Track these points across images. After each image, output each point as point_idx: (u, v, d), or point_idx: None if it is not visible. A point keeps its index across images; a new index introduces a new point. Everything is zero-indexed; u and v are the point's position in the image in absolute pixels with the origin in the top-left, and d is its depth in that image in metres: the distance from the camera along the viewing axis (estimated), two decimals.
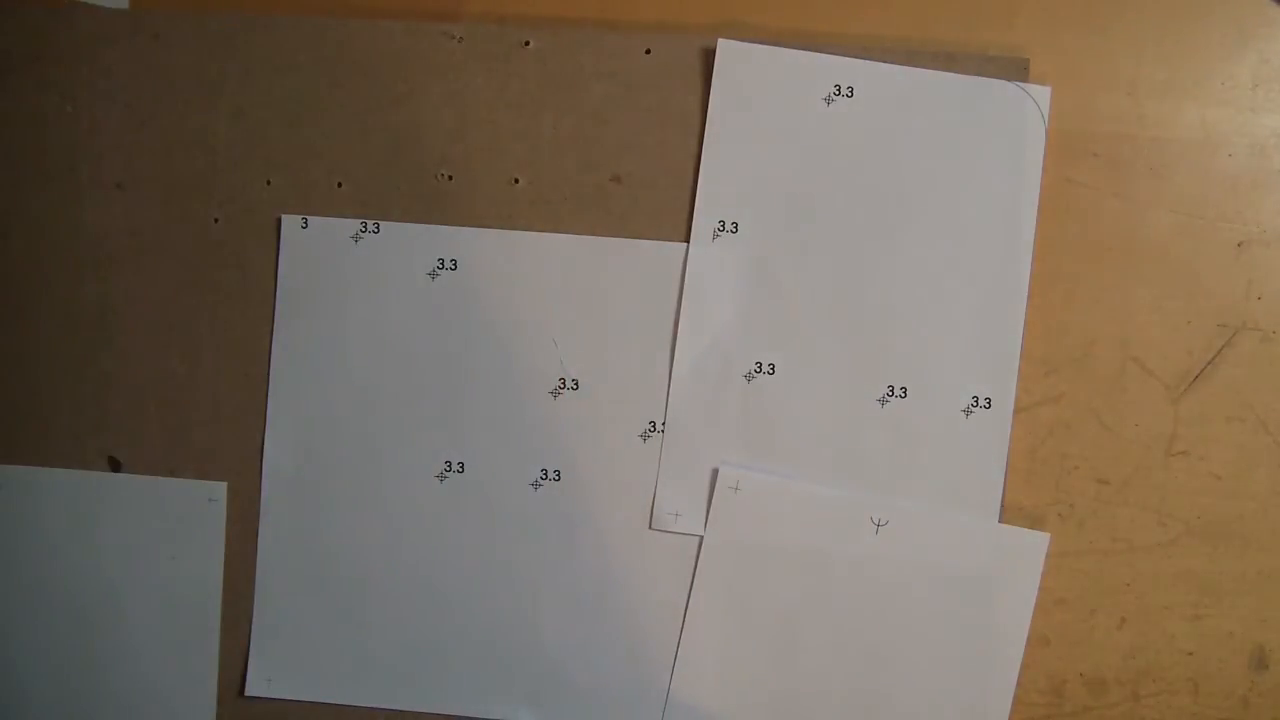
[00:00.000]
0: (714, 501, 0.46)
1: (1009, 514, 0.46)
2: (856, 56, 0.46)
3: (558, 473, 0.47)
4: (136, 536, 0.47)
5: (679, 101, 0.46)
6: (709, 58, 0.46)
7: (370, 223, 0.47)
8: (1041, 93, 0.46)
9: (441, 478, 0.47)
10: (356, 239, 0.47)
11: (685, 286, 0.46)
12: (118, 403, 0.48)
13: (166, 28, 0.47)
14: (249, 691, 0.48)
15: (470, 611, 0.47)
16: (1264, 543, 0.46)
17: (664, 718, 0.47)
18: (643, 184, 0.46)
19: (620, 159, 0.47)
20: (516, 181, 0.47)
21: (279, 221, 0.47)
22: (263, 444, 0.47)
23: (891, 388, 0.46)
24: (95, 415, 0.48)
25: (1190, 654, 0.47)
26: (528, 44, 0.47)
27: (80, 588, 0.48)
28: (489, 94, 0.47)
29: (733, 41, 0.46)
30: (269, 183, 0.47)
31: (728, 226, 0.46)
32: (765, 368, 0.46)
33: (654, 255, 0.46)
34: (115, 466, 0.48)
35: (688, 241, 0.46)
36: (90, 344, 0.48)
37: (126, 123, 0.47)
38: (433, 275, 0.47)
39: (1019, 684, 0.46)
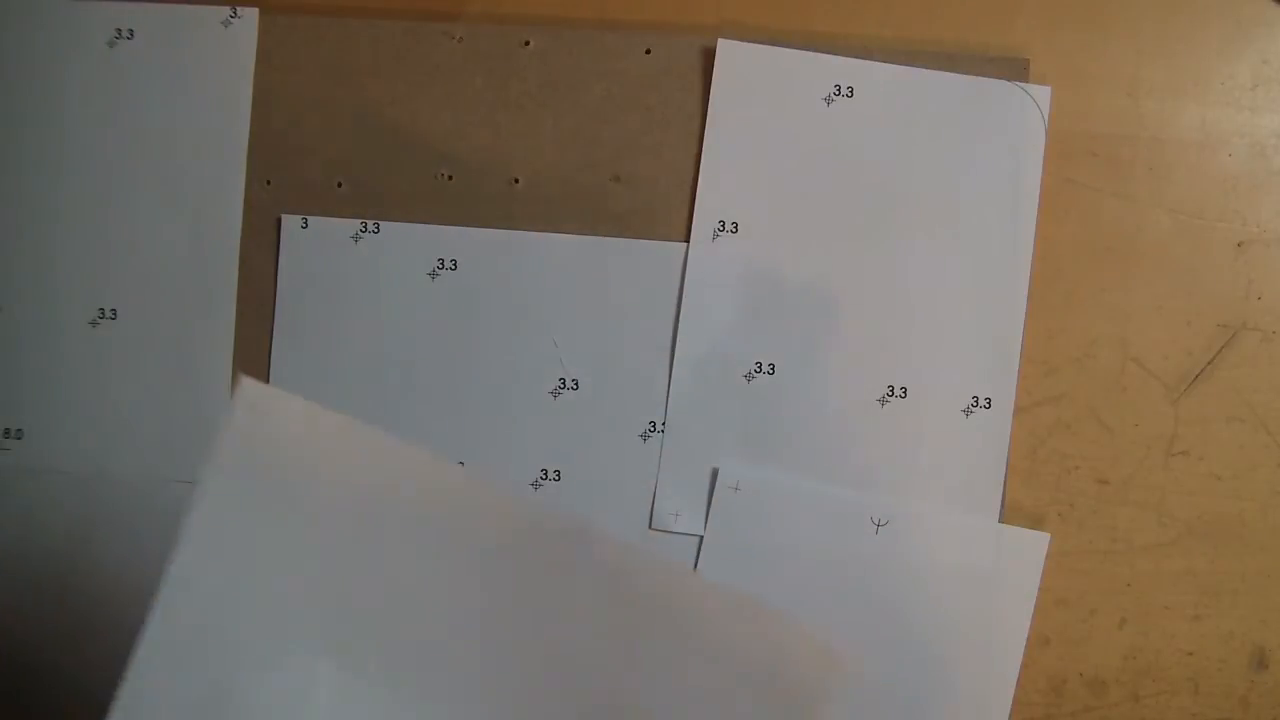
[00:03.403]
0: (714, 501, 0.46)
1: (1009, 514, 0.46)
2: (856, 56, 0.46)
3: (558, 473, 0.47)
4: (133, 539, 0.47)
5: (679, 101, 0.46)
6: (709, 58, 0.46)
7: (370, 223, 0.47)
8: (1041, 93, 0.46)
9: None
10: (356, 239, 0.47)
11: (685, 286, 0.46)
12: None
13: None
14: None
15: None
16: (1264, 543, 0.47)
17: None
18: (643, 184, 0.47)
19: (620, 159, 0.47)
20: (516, 181, 0.47)
21: (279, 221, 0.47)
22: None
23: (891, 388, 0.46)
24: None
25: (1190, 654, 0.47)
26: (528, 44, 0.47)
27: (77, 589, 0.48)
28: (489, 94, 0.47)
29: (733, 41, 0.46)
30: (269, 183, 0.47)
31: (728, 226, 0.46)
32: (765, 368, 0.46)
33: (654, 255, 0.46)
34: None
35: (688, 241, 0.46)
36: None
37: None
38: (433, 275, 0.47)
39: (1019, 684, 0.46)
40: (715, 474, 0.46)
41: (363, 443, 0.30)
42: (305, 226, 0.47)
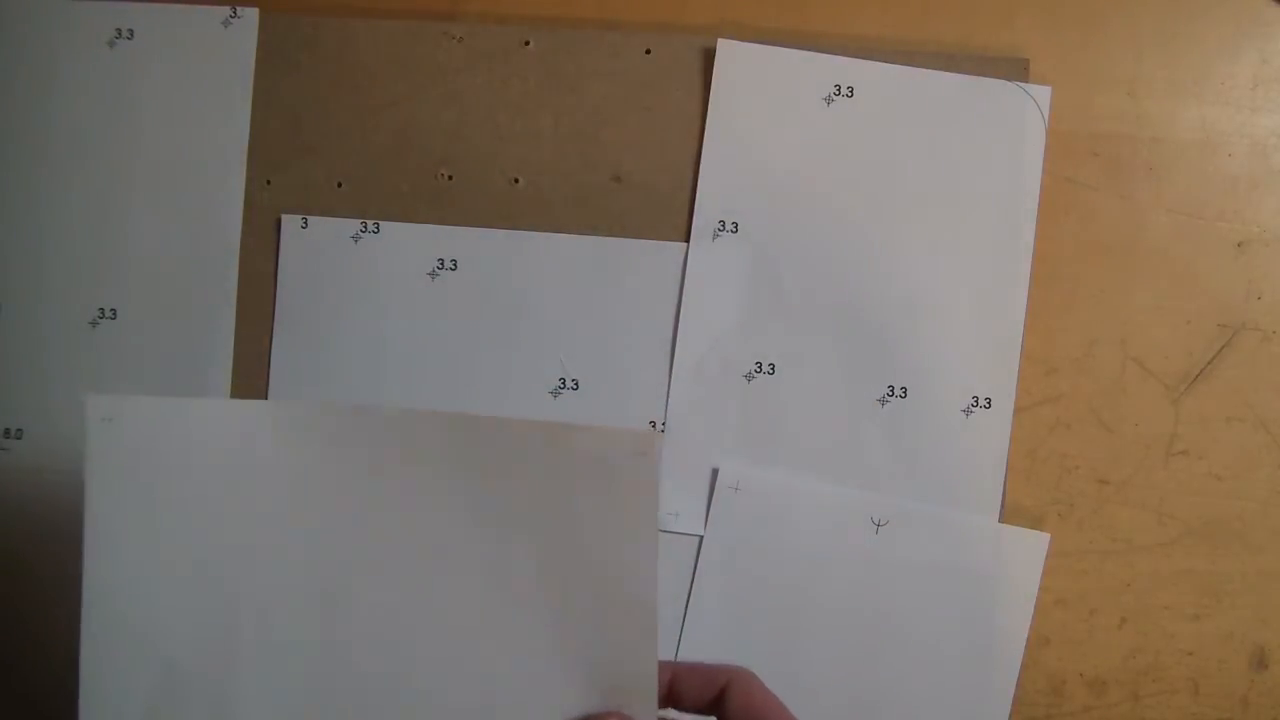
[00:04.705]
0: (714, 501, 0.46)
1: (1009, 514, 0.46)
2: (856, 56, 0.46)
3: None
4: None
5: (679, 101, 0.46)
6: (709, 58, 0.46)
7: (370, 223, 0.47)
8: (1041, 93, 0.46)
9: None
10: (356, 239, 0.47)
11: (685, 286, 0.46)
12: None
13: None
14: None
15: None
16: (1264, 543, 0.47)
17: None
18: (643, 184, 0.47)
19: (620, 159, 0.47)
20: (516, 181, 0.47)
21: (279, 221, 0.47)
22: None
23: (891, 388, 0.46)
24: None
25: (1190, 654, 0.47)
26: (528, 44, 0.47)
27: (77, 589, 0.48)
28: (489, 94, 0.47)
29: (733, 41, 0.46)
30: (269, 183, 0.47)
31: (728, 226, 0.46)
32: (765, 368, 0.46)
33: (654, 255, 0.46)
34: None
35: (688, 241, 0.46)
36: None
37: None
38: (433, 275, 0.47)
39: (1019, 684, 0.46)
40: (715, 474, 0.46)
41: (207, 414, 0.35)
42: (305, 226, 0.47)
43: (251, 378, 0.47)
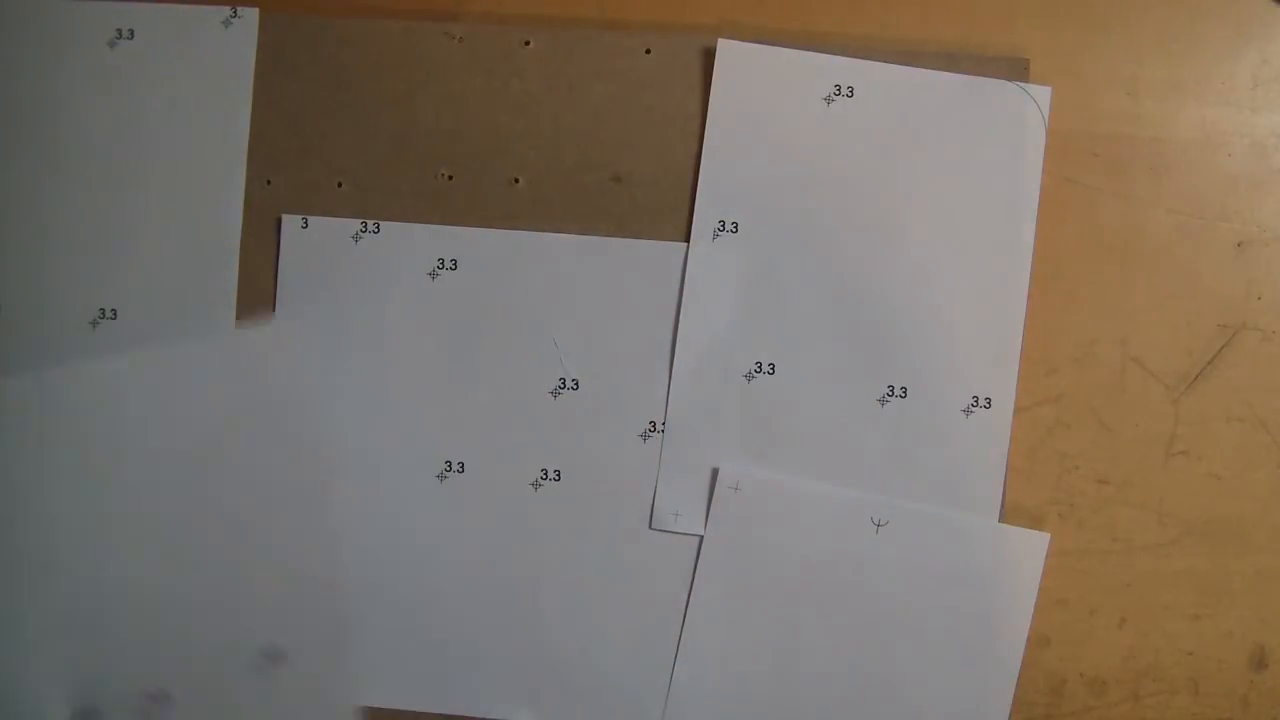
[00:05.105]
0: (714, 501, 0.46)
1: (1009, 514, 0.46)
2: (856, 56, 0.46)
3: (558, 473, 0.47)
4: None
5: (679, 101, 0.46)
6: (709, 58, 0.46)
7: (370, 223, 0.47)
8: (1041, 93, 0.46)
9: (441, 478, 0.47)
10: (356, 239, 0.47)
11: (685, 286, 0.46)
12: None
13: None
14: None
15: (470, 612, 0.47)
16: (1264, 543, 0.47)
17: (664, 718, 0.47)
18: (643, 184, 0.47)
19: (620, 159, 0.47)
20: (516, 181, 0.47)
21: (279, 221, 0.47)
22: None
23: (891, 388, 0.46)
24: None
25: (1190, 654, 0.47)
26: (528, 44, 0.47)
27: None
28: (489, 94, 0.47)
29: (733, 41, 0.46)
30: (269, 183, 0.47)
31: (728, 226, 0.46)
32: (765, 368, 0.46)
33: (654, 255, 0.46)
34: None
35: (688, 241, 0.46)
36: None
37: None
38: (433, 275, 0.47)
39: (1019, 684, 0.46)
40: (715, 474, 0.46)
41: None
42: (305, 226, 0.47)
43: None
